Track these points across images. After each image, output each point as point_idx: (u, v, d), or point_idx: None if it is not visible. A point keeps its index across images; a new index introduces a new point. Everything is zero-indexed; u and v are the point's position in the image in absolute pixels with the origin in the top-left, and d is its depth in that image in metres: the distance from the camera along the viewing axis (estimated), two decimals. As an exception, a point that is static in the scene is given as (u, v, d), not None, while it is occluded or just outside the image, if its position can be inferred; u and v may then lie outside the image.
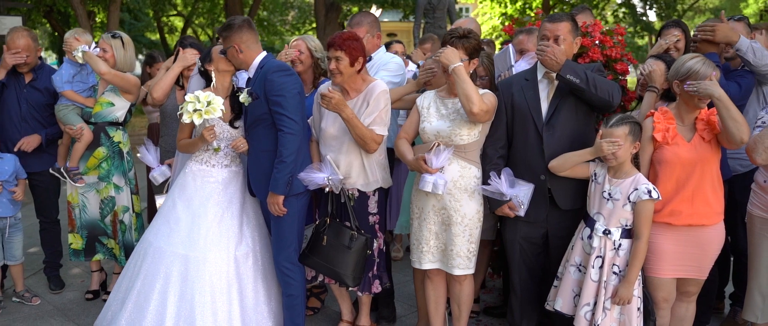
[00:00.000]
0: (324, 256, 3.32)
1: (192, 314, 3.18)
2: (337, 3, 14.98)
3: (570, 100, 3.09)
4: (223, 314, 3.21)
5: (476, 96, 2.95)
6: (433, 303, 3.42)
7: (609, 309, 2.91)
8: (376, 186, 3.37)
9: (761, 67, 3.38)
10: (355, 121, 3.15)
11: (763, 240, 3.12)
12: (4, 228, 4.08)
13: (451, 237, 3.16)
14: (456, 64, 2.98)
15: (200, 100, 3.05)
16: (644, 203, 2.85)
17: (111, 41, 3.97)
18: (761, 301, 3.16)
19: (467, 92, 2.94)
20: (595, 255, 2.92)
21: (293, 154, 3.19)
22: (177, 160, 3.78)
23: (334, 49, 3.20)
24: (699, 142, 2.97)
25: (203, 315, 3.17)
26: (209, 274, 3.23)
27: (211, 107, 3.07)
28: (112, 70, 3.89)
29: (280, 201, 3.23)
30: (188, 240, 3.28)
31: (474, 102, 2.93)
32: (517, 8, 18.84)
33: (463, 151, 3.12)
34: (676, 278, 3.09)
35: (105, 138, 4.09)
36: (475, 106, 2.93)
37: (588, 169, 3.02)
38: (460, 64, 2.98)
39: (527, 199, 3.07)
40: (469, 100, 2.94)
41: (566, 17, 3.11)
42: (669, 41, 3.84)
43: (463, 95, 2.95)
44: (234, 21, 3.32)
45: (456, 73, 2.97)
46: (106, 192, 4.12)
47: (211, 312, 3.19)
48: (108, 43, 3.96)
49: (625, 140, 2.85)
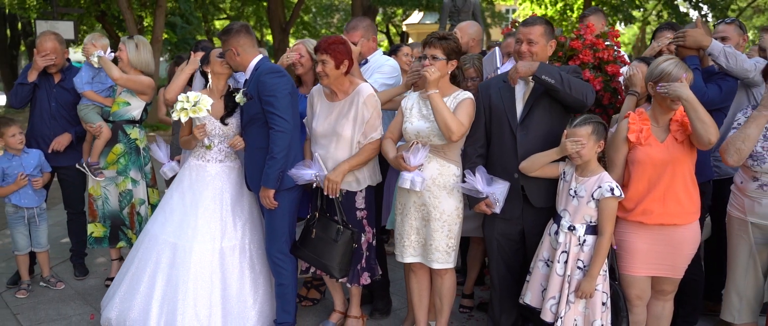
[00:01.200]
0: (313, 249, 3.50)
1: (175, 298, 3.43)
2: (374, 5, 15.19)
3: (544, 101, 3.19)
4: (203, 300, 3.44)
5: (453, 122, 3.10)
6: (416, 295, 3.56)
7: (573, 303, 3.00)
8: (364, 184, 3.54)
9: (736, 71, 3.39)
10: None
11: (740, 241, 3.15)
12: (32, 218, 4.43)
13: (431, 232, 3.30)
14: (431, 92, 3.12)
15: (189, 100, 3.29)
16: (607, 200, 2.93)
17: (126, 42, 4.27)
18: (738, 302, 3.18)
19: (445, 121, 3.10)
20: (560, 250, 3.02)
21: (283, 151, 3.39)
22: (184, 156, 4.04)
23: (321, 53, 3.38)
24: (672, 142, 3.02)
25: (185, 300, 3.42)
26: (194, 263, 3.47)
27: (198, 107, 3.32)
28: (124, 75, 4.20)
29: (271, 195, 3.43)
30: (179, 229, 3.54)
31: (453, 130, 3.10)
32: (557, 9, 18.66)
33: (441, 150, 3.26)
34: (651, 276, 3.15)
35: (122, 135, 4.39)
36: (455, 134, 3.11)
37: (558, 169, 3.11)
38: (436, 92, 3.12)
39: (503, 197, 3.19)
40: (448, 129, 3.10)
41: (540, 21, 3.21)
42: (661, 44, 3.88)
43: (442, 123, 3.11)
44: (233, 26, 3.55)
45: (431, 101, 3.12)
46: (124, 186, 4.42)
47: (193, 297, 3.42)
48: (123, 45, 4.27)
49: (589, 139, 2.93)
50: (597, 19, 5.50)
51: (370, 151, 3.44)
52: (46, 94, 4.60)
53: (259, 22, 24.70)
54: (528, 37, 3.17)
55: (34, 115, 4.66)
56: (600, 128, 2.98)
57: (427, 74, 3.16)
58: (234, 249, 3.58)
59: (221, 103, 3.60)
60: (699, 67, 3.38)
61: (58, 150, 4.52)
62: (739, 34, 3.87)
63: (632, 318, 3.21)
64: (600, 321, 3.00)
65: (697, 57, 3.41)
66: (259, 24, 24.74)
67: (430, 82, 3.17)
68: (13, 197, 4.34)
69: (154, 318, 3.41)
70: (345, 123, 3.43)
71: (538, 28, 3.18)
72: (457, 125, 3.10)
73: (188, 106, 3.32)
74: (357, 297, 3.80)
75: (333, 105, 3.50)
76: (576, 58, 3.78)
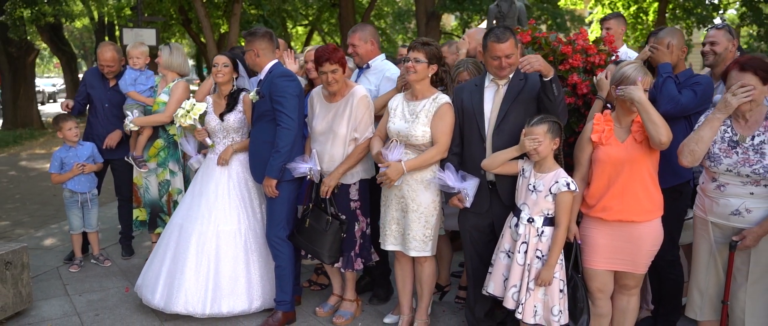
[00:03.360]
0: (307, 236, 3.87)
1: (175, 273, 3.94)
2: (437, 11, 15.46)
3: (520, 108, 3.36)
4: (202, 276, 3.92)
5: (435, 156, 3.50)
6: (400, 281, 3.86)
7: (533, 290, 3.20)
8: (358, 177, 3.87)
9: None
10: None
11: (702, 240, 3.24)
12: (85, 202, 5.06)
13: (409, 222, 3.59)
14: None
15: (185, 108, 3.83)
16: (563, 194, 3.13)
17: (162, 48, 4.83)
18: (700, 299, 3.27)
19: (426, 164, 3.54)
20: (520, 241, 3.23)
21: (288, 146, 3.78)
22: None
23: (331, 63, 3.68)
24: (631, 143, 3.18)
25: (182, 275, 3.92)
26: (193, 243, 3.95)
27: (192, 113, 3.89)
28: (142, 117, 4.89)
29: (273, 185, 3.83)
30: (187, 213, 4.04)
31: (438, 154, 3.52)
32: (630, 13, 18.21)
33: (419, 149, 3.54)
34: (613, 271, 3.30)
35: (162, 131, 4.95)
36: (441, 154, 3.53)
37: (517, 166, 3.32)
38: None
39: (473, 192, 3.43)
40: (432, 161, 3.52)
41: (509, 34, 3.33)
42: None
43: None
44: (258, 30, 3.99)
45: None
46: (163, 176, 4.98)
47: (195, 269, 3.91)
48: (160, 51, 4.83)
49: (545, 137, 3.13)
50: (617, 24, 5.60)
51: (362, 150, 3.77)
52: (101, 97, 5.24)
53: (332, 28, 25.46)
54: (505, 52, 3.32)
55: (91, 114, 5.33)
56: (555, 127, 3.17)
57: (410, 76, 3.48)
58: (231, 233, 4.01)
59: (224, 102, 4.07)
60: (671, 75, 3.47)
61: (111, 146, 5.14)
62: (729, 40, 3.90)
63: (595, 311, 3.37)
64: (558, 307, 3.19)
65: (669, 64, 3.51)
66: (337, 27, 25.52)
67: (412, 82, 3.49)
68: (69, 183, 4.99)
69: (160, 288, 3.96)
70: (340, 122, 3.78)
71: (511, 42, 3.33)
72: (443, 146, 3.52)
73: (182, 112, 3.86)
74: (352, 282, 4.13)
75: (330, 106, 3.86)
76: (566, 62, 3.95)
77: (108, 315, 4.16)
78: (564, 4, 18.25)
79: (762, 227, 2.97)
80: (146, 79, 5.00)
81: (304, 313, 4.22)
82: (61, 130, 4.96)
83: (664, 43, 3.57)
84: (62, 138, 5.00)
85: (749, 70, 2.96)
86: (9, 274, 4.00)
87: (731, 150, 3.03)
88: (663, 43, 3.57)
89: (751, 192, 3.00)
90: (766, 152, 2.95)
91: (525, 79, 3.40)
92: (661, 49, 3.55)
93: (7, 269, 3.98)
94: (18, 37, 14.45)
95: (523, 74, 3.41)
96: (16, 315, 4.12)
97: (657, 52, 3.55)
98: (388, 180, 3.51)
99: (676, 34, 3.66)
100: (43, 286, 4.72)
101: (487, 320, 3.69)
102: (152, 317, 4.08)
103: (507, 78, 3.41)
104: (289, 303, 4.01)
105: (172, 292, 3.89)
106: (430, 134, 3.50)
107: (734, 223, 3.06)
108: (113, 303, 4.37)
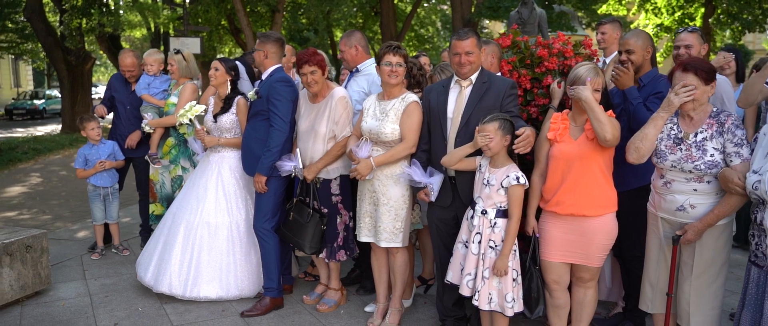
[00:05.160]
0: (290, 228, 4.16)
1: (164, 256, 4.33)
2: (473, 19, 15.60)
3: (483, 111, 3.55)
4: (186, 262, 4.30)
5: (402, 151, 3.73)
6: (376, 271, 4.10)
7: (488, 278, 3.38)
8: (338, 173, 4.13)
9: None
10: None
11: (652, 235, 3.36)
12: (107, 195, 5.51)
13: (380, 215, 3.83)
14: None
15: (185, 108, 4.32)
16: (514, 188, 3.31)
17: (174, 57, 5.22)
18: (650, 292, 3.38)
19: (394, 159, 3.76)
20: (475, 232, 3.41)
21: (279, 146, 4.10)
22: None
23: (309, 65, 3.98)
24: (584, 140, 3.33)
25: (169, 259, 4.32)
26: (181, 231, 4.34)
27: (189, 113, 4.34)
28: (157, 120, 5.31)
29: (263, 181, 4.14)
30: (180, 204, 4.44)
31: (406, 149, 3.72)
32: (675, 18, 17.85)
33: (389, 145, 3.78)
34: (570, 264, 3.44)
35: (173, 130, 5.34)
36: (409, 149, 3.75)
37: (475, 162, 3.51)
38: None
39: (437, 186, 3.64)
40: (400, 156, 3.76)
41: (471, 33, 3.56)
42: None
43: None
44: (272, 35, 4.34)
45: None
46: (175, 172, 5.37)
47: (180, 255, 4.29)
48: (173, 59, 5.22)
49: (496, 134, 3.31)
50: (613, 29, 5.67)
51: (340, 148, 4.03)
52: (123, 99, 5.70)
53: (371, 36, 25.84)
54: (465, 49, 3.54)
55: (115, 115, 5.80)
56: (506, 125, 3.35)
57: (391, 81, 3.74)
58: (215, 225, 4.35)
59: (220, 103, 4.41)
60: (640, 99, 3.55)
61: (132, 145, 5.57)
62: (700, 43, 3.98)
63: (552, 302, 3.53)
64: (512, 294, 3.36)
65: (635, 88, 3.59)
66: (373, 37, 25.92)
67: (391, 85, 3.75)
68: (92, 178, 5.45)
69: (151, 269, 4.39)
70: (321, 121, 4.06)
71: (471, 41, 3.55)
72: (411, 142, 3.76)
73: (182, 112, 4.34)
74: (336, 272, 4.40)
75: (313, 106, 4.14)
76: (541, 65, 4.12)
77: (115, 297, 4.55)
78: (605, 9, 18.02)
79: (702, 222, 3.07)
80: (160, 84, 5.42)
81: (293, 301, 4.51)
82: (84, 129, 5.43)
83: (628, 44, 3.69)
84: (86, 136, 5.47)
85: (691, 71, 3.07)
86: (29, 257, 4.44)
87: (676, 146, 3.14)
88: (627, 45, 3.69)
89: (695, 189, 3.10)
90: (707, 149, 3.05)
91: (488, 83, 3.59)
92: (626, 74, 3.60)
93: (27, 252, 4.43)
94: (74, 46, 15.40)
95: (487, 77, 3.61)
96: (36, 294, 4.57)
97: (621, 77, 3.61)
98: (359, 175, 3.76)
99: (641, 35, 3.77)
100: (66, 271, 5.17)
101: (455, 309, 3.88)
102: (154, 299, 4.44)
103: (470, 80, 3.60)
104: (276, 290, 4.31)
105: (159, 273, 4.28)
106: (399, 131, 3.73)
107: (680, 219, 3.16)
108: (123, 287, 4.78)
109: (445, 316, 3.92)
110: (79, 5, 14.89)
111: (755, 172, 2.84)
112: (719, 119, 3.08)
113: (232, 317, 4.20)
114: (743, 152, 2.99)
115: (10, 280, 4.31)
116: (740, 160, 2.98)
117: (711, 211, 3.05)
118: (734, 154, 3.00)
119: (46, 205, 8.73)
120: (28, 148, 13.91)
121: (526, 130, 3.30)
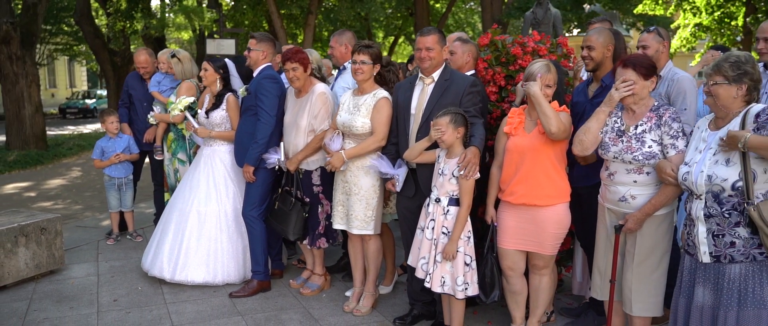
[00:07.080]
0: (275, 216, 4.46)
1: (160, 241, 4.71)
2: (503, 19, 15.65)
3: (444, 106, 3.73)
4: (176, 244, 4.65)
5: (371, 144, 3.96)
6: (353, 257, 4.35)
7: (440, 262, 3.58)
8: (318, 164, 4.40)
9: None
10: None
11: (600, 225, 3.51)
12: (121, 185, 5.93)
13: (352, 204, 4.08)
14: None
15: (173, 102, 4.62)
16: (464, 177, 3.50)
17: (170, 60, 5.57)
18: (600, 279, 3.53)
19: (364, 152, 3.99)
20: (429, 219, 3.63)
21: (265, 138, 4.40)
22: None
23: (291, 62, 4.28)
24: (536, 134, 3.50)
25: (162, 244, 4.70)
26: (173, 218, 4.70)
27: (179, 105, 4.75)
28: (161, 115, 5.63)
29: (251, 171, 4.45)
30: (176, 194, 4.81)
31: (375, 142, 3.96)
32: (714, 18, 17.46)
33: (360, 138, 4.02)
34: (525, 252, 3.62)
35: (173, 126, 5.70)
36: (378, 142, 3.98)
37: (435, 154, 3.71)
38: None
39: (402, 177, 3.87)
40: (370, 149, 3.99)
41: (434, 31, 3.78)
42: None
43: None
44: (267, 35, 4.67)
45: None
46: (174, 165, 5.74)
47: (171, 240, 4.66)
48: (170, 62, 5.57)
49: (447, 127, 3.51)
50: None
51: (319, 140, 4.28)
52: (140, 96, 6.11)
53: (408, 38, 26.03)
54: (426, 45, 3.78)
55: (132, 111, 6.22)
56: (458, 118, 3.54)
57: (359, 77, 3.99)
58: (204, 213, 4.68)
59: (211, 99, 4.74)
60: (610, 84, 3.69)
61: (149, 140, 5.98)
62: (659, 42, 4.05)
63: (508, 288, 3.71)
64: (462, 278, 3.55)
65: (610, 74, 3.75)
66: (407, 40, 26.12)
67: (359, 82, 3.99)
68: (108, 169, 5.89)
69: (151, 252, 4.79)
70: (302, 115, 4.34)
71: (433, 37, 3.78)
72: (380, 136, 3.99)
73: (173, 105, 4.64)
74: (319, 259, 4.67)
75: (297, 101, 4.42)
76: (515, 63, 4.29)
77: (121, 278, 4.94)
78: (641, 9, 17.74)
79: (641, 212, 3.20)
80: (170, 81, 5.80)
81: (281, 285, 4.80)
82: (104, 122, 5.86)
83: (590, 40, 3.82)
84: (105, 129, 5.90)
85: (630, 67, 3.22)
86: (43, 238, 4.88)
87: (618, 138, 3.29)
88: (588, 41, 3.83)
89: (635, 180, 3.24)
90: (646, 140, 3.19)
91: (450, 80, 3.79)
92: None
93: (42, 234, 4.87)
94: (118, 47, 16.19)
95: (449, 75, 3.82)
96: (50, 272, 5.01)
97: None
98: (332, 167, 4.02)
99: (603, 33, 3.89)
100: (81, 253, 5.62)
101: (423, 294, 4.09)
102: (154, 281, 4.81)
103: (432, 77, 3.82)
104: (263, 273, 4.61)
105: (155, 257, 4.67)
106: (370, 125, 3.97)
107: (623, 209, 3.31)
108: (129, 269, 5.17)
109: (414, 300, 4.14)
110: (122, 9, 15.67)
111: (686, 164, 2.97)
112: (659, 112, 3.21)
113: (221, 297, 4.52)
114: (679, 144, 3.12)
115: (26, 259, 4.74)
116: (675, 151, 3.11)
117: (649, 201, 3.19)
118: (670, 145, 3.13)
119: (80, 197, 9.31)
120: (72, 144, 14.75)
121: (466, 153, 3.47)
